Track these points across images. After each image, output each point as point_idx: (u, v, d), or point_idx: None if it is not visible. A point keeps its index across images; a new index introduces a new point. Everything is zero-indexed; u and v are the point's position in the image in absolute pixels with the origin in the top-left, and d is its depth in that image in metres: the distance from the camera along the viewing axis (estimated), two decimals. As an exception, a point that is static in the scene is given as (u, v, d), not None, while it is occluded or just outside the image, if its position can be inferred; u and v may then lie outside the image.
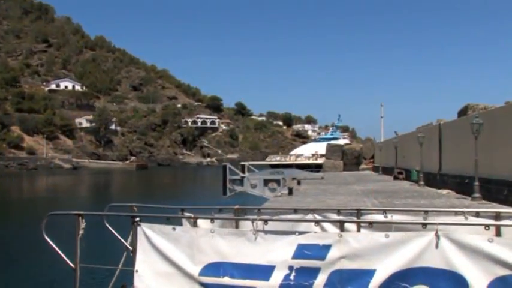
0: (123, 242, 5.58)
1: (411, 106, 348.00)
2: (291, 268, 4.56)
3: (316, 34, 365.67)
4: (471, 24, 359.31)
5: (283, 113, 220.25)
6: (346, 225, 4.86)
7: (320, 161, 79.24)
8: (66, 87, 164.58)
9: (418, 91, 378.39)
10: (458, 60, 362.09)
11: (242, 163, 43.32)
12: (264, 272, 4.61)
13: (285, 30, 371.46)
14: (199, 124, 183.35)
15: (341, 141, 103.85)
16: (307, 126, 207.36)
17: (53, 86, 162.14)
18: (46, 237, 5.19)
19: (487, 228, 4.49)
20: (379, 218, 5.62)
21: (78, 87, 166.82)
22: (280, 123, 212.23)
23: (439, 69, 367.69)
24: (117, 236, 5.72)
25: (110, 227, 5.80)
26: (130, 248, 5.41)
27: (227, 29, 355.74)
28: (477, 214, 5.36)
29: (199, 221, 5.28)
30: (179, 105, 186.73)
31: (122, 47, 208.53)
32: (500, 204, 15.25)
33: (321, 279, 4.48)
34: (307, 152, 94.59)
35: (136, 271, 5.06)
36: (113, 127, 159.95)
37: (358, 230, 4.81)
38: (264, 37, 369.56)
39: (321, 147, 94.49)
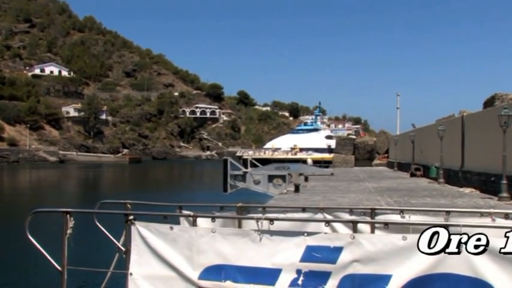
0: (115, 242, 5.59)
1: (431, 96, 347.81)
2: (298, 272, 4.56)
3: (325, 16, 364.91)
4: (498, 5, 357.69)
5: (289, 103, 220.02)
6: (359, 226, 4.85)
7: (300, 155, 78.19)
8: (51, 72, 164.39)
9: (439, 79, 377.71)
10: (484, 43, 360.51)
11: (244, 157, 43.36)
12: (269, 275, 4.62)
13: (291, 11, 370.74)
14: (198, 114, 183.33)
15: (322, 133, 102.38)
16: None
17: (37, 71, 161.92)
18: (30, 237, 5.19)
19: None
20: (396, 218, 5.62)
21: (65, 73, 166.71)
22: (286, 114, 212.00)
23: (463, 54, 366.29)
24: (109, 235, 5.72)
25: (100, 226, 5.81)
26: (123, 249, 5.43)
27: (228, 11, 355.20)
28: (506, 216, 5.32)
29: (199, 220, 5.28)
30: (176, 94, 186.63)
31: (113, 29, 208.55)
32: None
33: (332, 284, 4.48)
34: (285, 145, 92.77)
35: (130, 274, 5.07)
36: (103, 117, 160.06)
37: (373, 232, 4.80)
38: (269, 19, 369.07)
39: (299, 140, 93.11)
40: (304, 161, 61.41)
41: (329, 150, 78.94)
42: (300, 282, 4.54)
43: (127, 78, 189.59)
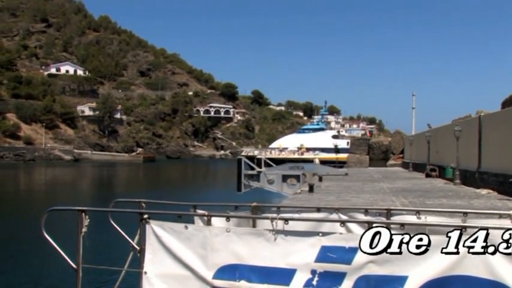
0: (130, 241, 5.62)
1: (447, 96, 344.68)
2: (313, 272, 4.54)
3: (340, 14, 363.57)
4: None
5: (303, 103, 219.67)
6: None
7: (307, 155, 77.57)
8: (67, 71, 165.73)
9: (455, 79, 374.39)
10: (501, 42, 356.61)
11: (258, 157, 43.28)
12: (284, 275, 4.61)
13: (306, 10, 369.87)
14: (212, 114, 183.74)
15: (329, 132, 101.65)
16: (330, 117, 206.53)
17: (53, 70, 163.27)
18: (46, 235, 5.23)
19: None
20: (412, 219, 5.59)
21: (80, 72, 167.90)
22: (301, 113, 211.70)
23: (480, 53, 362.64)
24: (123, 234, 5.76)
25: (115, 225, 5.85)
26: (138, 247, 5.45)
27: (243, 10, 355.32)
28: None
29: (214, 220, 5.29)
30: (190, 93, 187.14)
31: (128, 28, 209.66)
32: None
33: (347, 285, 4.46)
34: (291, 145, 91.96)
35: (145, 273, 5.09)
36: (118, 116, 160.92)
37: (388, 232, 4.76)
38: (283, 18, 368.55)
39: (306, 139, 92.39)
40: (310, 161, 60.82)
41: (336, 150, 78.39)
42: (314, 282, 4.52)
43: (141, 77, 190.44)
